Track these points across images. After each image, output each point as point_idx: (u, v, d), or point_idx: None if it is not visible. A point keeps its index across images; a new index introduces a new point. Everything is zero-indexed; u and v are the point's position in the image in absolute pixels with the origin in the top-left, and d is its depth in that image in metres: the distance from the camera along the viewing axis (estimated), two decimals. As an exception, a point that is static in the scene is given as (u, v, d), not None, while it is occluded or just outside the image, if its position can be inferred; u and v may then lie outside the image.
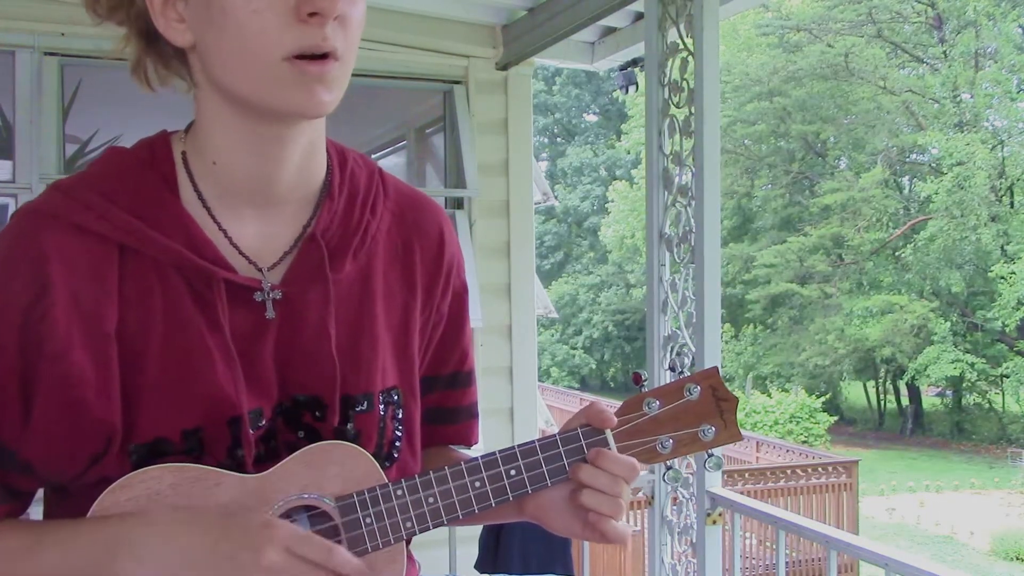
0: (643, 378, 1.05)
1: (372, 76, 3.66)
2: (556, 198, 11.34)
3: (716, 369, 1.06)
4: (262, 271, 0.97)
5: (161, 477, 0.90)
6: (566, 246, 30.89)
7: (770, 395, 21.22)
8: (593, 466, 0.98)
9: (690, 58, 2.77)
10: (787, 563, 4.43)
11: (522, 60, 3.84)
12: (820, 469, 10.60)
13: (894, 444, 22.72)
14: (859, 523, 11.01)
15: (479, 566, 3.04)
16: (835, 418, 21.42)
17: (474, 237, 3.80)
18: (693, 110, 2.75)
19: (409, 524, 0.95)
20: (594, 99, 32.76)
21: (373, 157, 4.89)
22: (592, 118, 33.86)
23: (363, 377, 1.00)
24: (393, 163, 4.58)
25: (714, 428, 1.03)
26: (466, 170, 3.77)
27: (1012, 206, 21.76)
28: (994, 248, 20.79)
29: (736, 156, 24.02)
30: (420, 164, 4.39)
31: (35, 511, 1.00)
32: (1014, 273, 19.70)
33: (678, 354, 2.88)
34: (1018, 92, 21.84)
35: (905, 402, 24.78)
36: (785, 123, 23.74)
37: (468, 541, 3.11)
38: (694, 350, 2.79)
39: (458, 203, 3.83)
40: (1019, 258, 20.18)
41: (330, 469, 0.94)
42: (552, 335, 28.46)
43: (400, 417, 1.04)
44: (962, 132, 21.14)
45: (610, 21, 3.70)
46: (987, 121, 22.06)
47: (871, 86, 22.63)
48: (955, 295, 21.68)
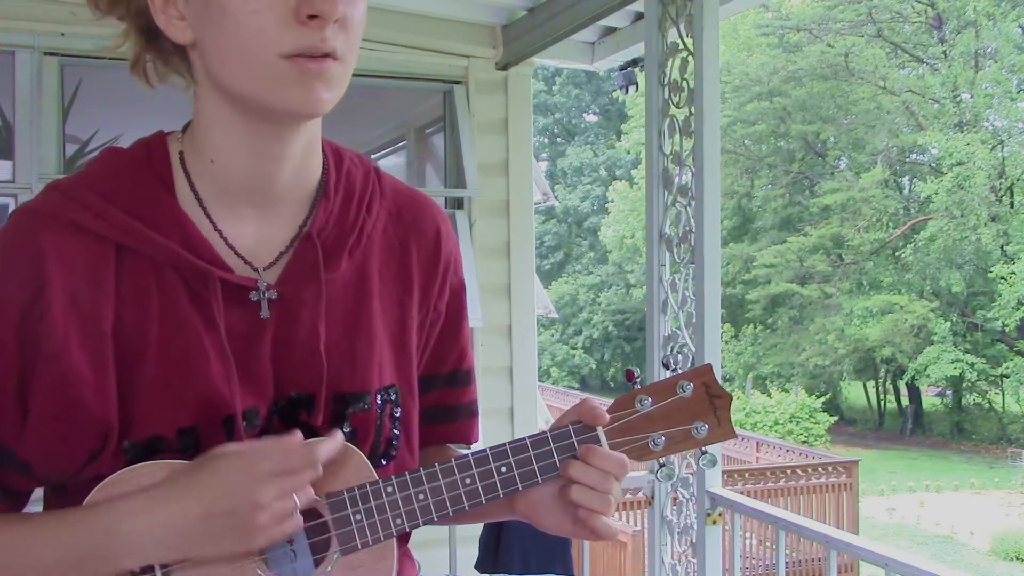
0: (636, 375, 1.04)
1: (372, 76, 3.66)
2: (556, 198, 11.34)
3: (709, 366, 1.06)
4: (258, 271, 0.97)
5: (153, 473, 0.90)
6: (566, 246, 30.88)
7: (770, 395, 21.22)
8: (583, 463, 0.98)
9: (690, 58, 2.77)
10: (787, 563, 4.42)
11: (522, 60, 3.84)
12: (820, 469, 10.61)
13: (894, 444, 22.72)
14: (859, 523, 11.01)
15: (479, 566, 3.04)
16: (835, 418, 21.41)
17: (474, 237, 3.80)
18: (693, 110, 2.75)
19: (400, 521, 0.95)
20: (594, 99, 32.75)
21: (373, 157, 4.88)
22: (592, 118, 33.86)
23: (359, 375, 1.00)
24: (393, 163, 4.58)
25: (707, 425, 1.03)
26: (466, 170, 3.77)
27: (1012, 206, 21.76)
28: (994, 248, 20.79)
29: (736, 156, 24.02)
30: (420, 164, 4.39)
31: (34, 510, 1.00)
32: (1014, 273, 19.70)
33: (678, 352, 2.88)
34: (1018, 92, 21.84)
35: (905, 402, 24.78)
36: (785, 123, 23.74)
37: (468, 541, 3.11)
38: (694, 350, 2.79)
39: (458, 203, 3.83)
40: (1019, 258, 20.18)
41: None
42: (552, 335, 28.45)
43: (398, 416, 1.04)
44: (962, 132, 21.14)
45: (610, 21, 3.70)
46: (987, 121, 22.06)
47: (871, 86, 22.63)
48: (955, 295, 21.68)
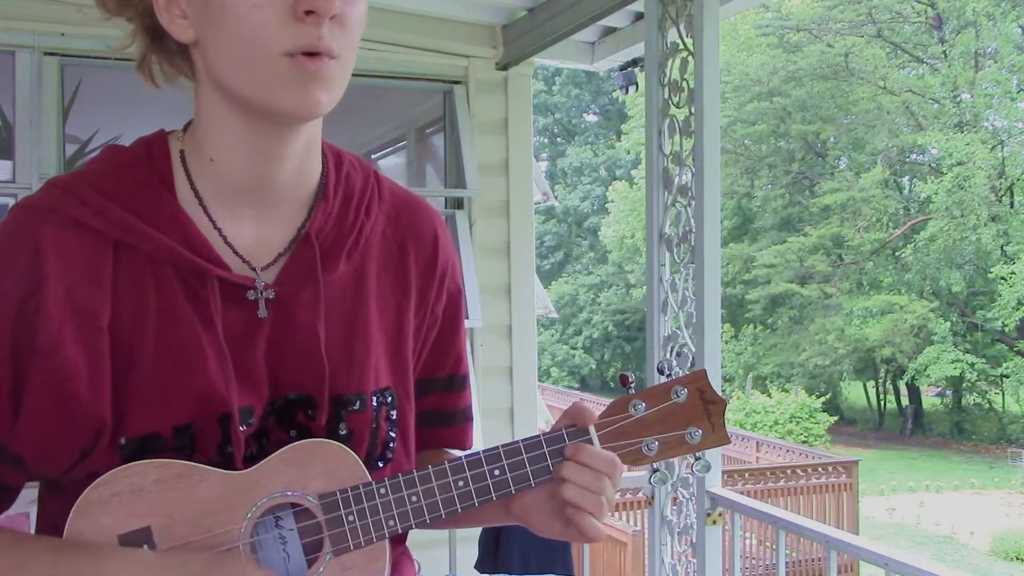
0: (630, 380, 1.04)
1: (372, 76, 3.66)
2: (556, 198, 11.34)
3: (704, 372, 1.05)
4: (256, 270, 0.97)
5: (145, 472, 0.90)
6: (566, 246, 30.88)
7: (770, 395, 21.21)
8: (574, 461, 0.98)
9: (690, 58, 2.76)
10: (787, 563, 4.42)
11: (522, 60, 3.83)
12: (820, 469, 10.60)
13: (894, 444, 22.72)
14: (859, 523, 11.01)
15: (479, 566, 3.04)
16: (835, 418, 21.41)
17: (474, 237, 3.80)
18: (693, 110, 2.75)
19: (392, 522, 0.95)
20: (594, 99, 32.75)
21: (373, 157, 4.88)
22: (592, 118, 33.86)
23: (356, 377, 1.00)
24: (393, 163, 4.58)
25: (701, 431, 1.03)
26: (466, 170, 3.77)
27: (1012, 206, 21.77)
28: (994, 248, 20.80)
29: (736, 156, 24.02)
30: (420, 164, 4.39)
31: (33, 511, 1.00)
32: (1014, 273, 19.70)
33: (678, 354, 2.88)
34: (1018, 92, 21.83)
35: (905, 402, 24.78)
36: (785, 123, 23.74)
37: (468, 541, 3.11)
38: (694, 350, 2.79)
39: (458, 203, 3.83)
40: (1019, 258, 20.18)
41: (314, 467, 0.94)
42: (552, 335, 28.45)
43: (394, 418, 1.04)
44: (962, 132, 21.13)
45: (610, 21, 3.70)
46: (987, 121, 22.06)
47: (871, 86, 22.63)
48: (955, 295, 21.69)
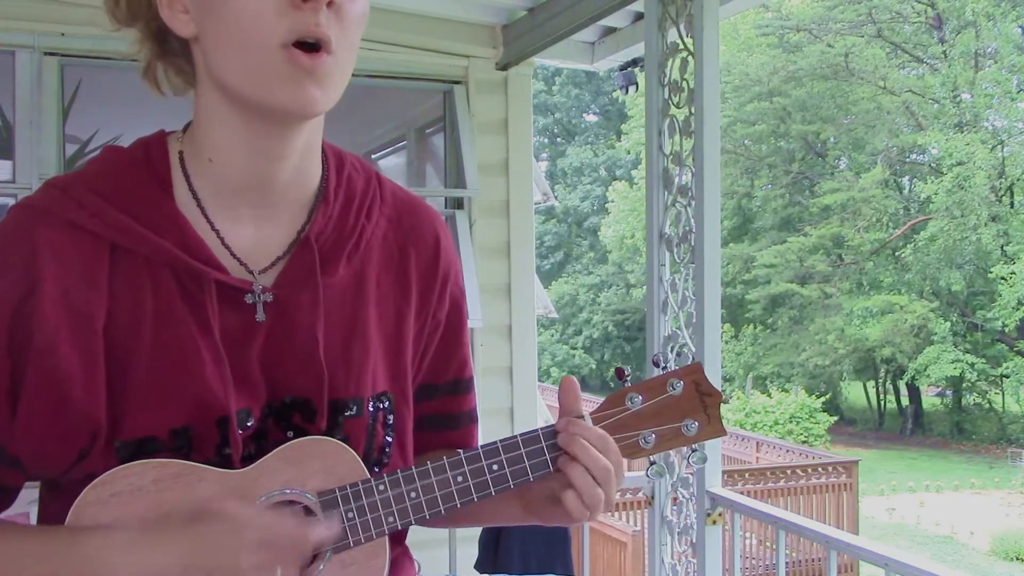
0: (626, 373, 1.04)
1: (372, 76, 3.66)
2: (556, 198, 11.34)
3: (699, 364, 1.06)
4: (253, 273, 0.97)
5: (143, 473, 0.90)
6: (566, 246, 30.87)
7: (770, 395, 21.20)
8: (565, 432, 0.97)
9: (690, 58, 2.77)
10: (787, 563, 4.42)
11: (522, 60, 3.84)
12: (820, 469, 10.60)
13: (894, 444, 22.71)
14: (859, 523, 11.01)
15: (479, 566, 3.04)
16: (835, 418, 21.40)
17: (474, 237, 3.80)
18: (693, 110, 2.75)
19: (392, 519, 0.95)
20: (594, 99, 32.74)
21: (373, 157, 4.87)
22: (592, 118, 33.84)
23: (353, 381, 0.99)
24: (393, 163, 4.58)
25: (697, 423, 1.03)
26: (466, 170, 3.77)
27: (1012, 206, 21.76)
28: (994, 248, 20.79)
29: (736, 156, 24.01)
30: (420, 164, 4.39)
31: (33, 511, 1.00)
32: (1014, 273, 19.70)
33: (678, 354, 2.88)
34: (1018, 92, 21.83)
35: (905, 402, 24.77)
36: (785, 123, 23.74)
37: (468, 541, 3.11)
38: (694, 350, 2.79)
39: (458, 203, 3.83)
40: (1019, 258, 20.18)
41: (313, 465, 0.94)
42: (552, 335, 28.44)
43: (391, 423, 1.04)
44: (962, 132, 21.13)
45: (610, 21, 3.70)
46: (987, 121, 22.05)
47: (871, 86, 22.62)
48: (955, 295, 21.68)
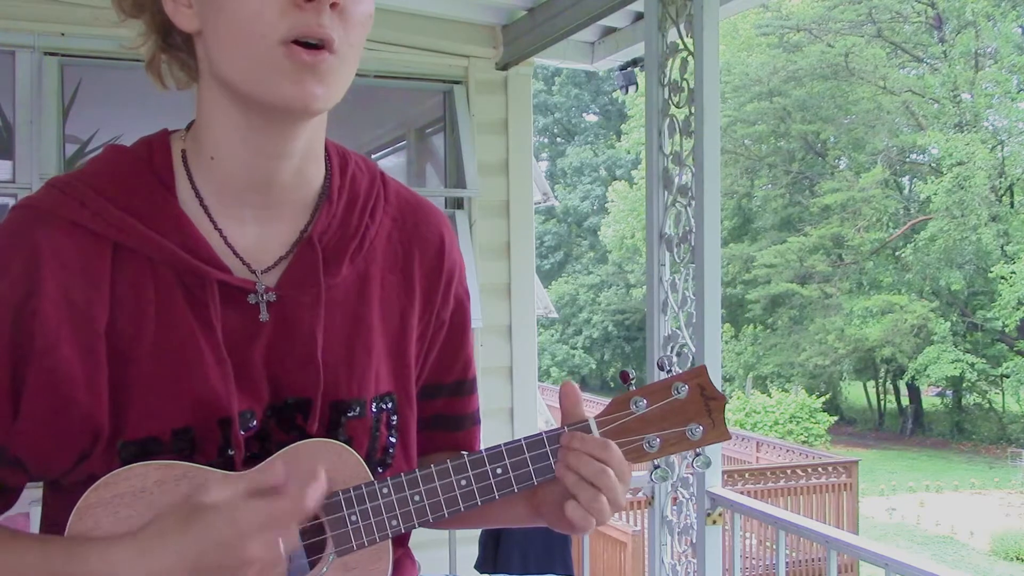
0: (631, 377, 1.04)
1: (372, 76, 3.66)
2: (556, 198, 11.33)
3: (704, 368, 1.05)
4: (256, 273, 0.96)
5: (146, 474, 0.89)
6: (566, 246, 30.87)
7: (770, 395, 21.20)
8: (567, 448, 0.97)
9: (690, 58, 2.77)
10: (787, 563, 4.42)
11: (522, 60, 3.83)
12: (820, 469, 10.60)
13: (894, 444, 22.71)
14: (859, 523, 11.01)
15: (479, 566, 3.04)
16: (835, 418, 21.41)
17: (474, 237, 3.80)
18: (693, 110, 2.75)
19: (395, 522, 0.94)
20: (594, 99, 32.74)
21: (373, 157, 4.87)
22: (592, 118, 33.84)
23: (356, 382, 0.99)
24: (393, 163, 4.58)
25: (702, 427, 1.02)
26: (466, 170, 3.77)
27: (1012, 206, 21.77)
28: (994, 248, 20.79)
29: (736, 156, 24.02)
30: (420, 164, 4.38)
31: (34, 511, 1.00)
32: (1014, 273, 19.70)
33: (678, 354, 2.88)
34: (1018, 92, 21.83)
35: (905, 402, 24.77)
36: (785, 123, 23.74)
37: (468, 541, 3.11)
38: (694, 350, 2.79)
39: (458, 203, 3.83)
40: (1019, 258, 20.18)
41: (316, 467, 0.94)
42: (552, 335, 28.44)
43: (395, 424, 1.03)
44: (962, 132, 21.14)
45: (610, 21, 3.70)
46: (987, 121, 22.06)
47: (871, 86, 22.63)
48: (955, 295, 21.68)
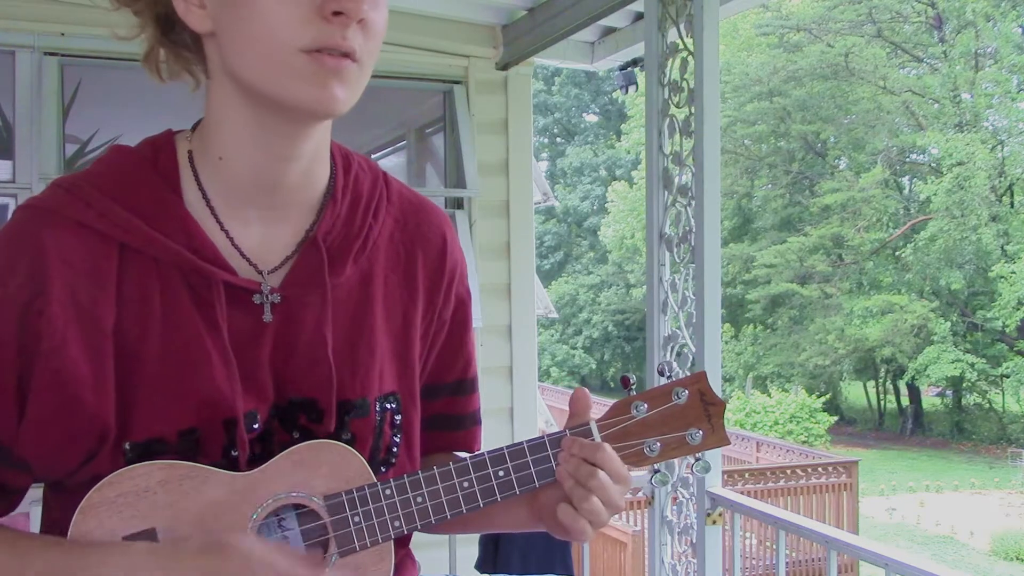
0: (631, 382, 1.05)
1: (372, 76, 3.65)
2: (556, 198, 11.35)
3: (703, 374, 1.06)
4: (262, 274, 0.97)
5: (150, 474, 0.89)
6: (566, 246, 30.88)
7: (770, 395, 21.20)
8: (567, 452, 0.98)
9: (690, 58, 2.77)
10: (787, 563, 4.42)
11: (522, 60, 3.84)
12: (820, 469, 10.60)
13: (894, 444, 22.71)
14: (859, 523, 11.01)
15: (479, 566, 3.04)
16: (835, 418, 21.40)
17: (474, 237, 3.80)
18: (693, 110, 2.75)
19: (398, 524, 0.95)
20: (594, 99, 32.74)
21: (373, 157, 4.88)
22: (592, 118, 33.84)
23: (360, 382, 0.99)
24: (393, 163, 4.58)
25: (702, 432, 1.03)
26: (466, 170, 3.77)
27: (1012, 206, 21.77)
28: (994, 248, 20.79)
29: (736, 156, 24.02)
30: (420, 164, 4.39)
31: (35, 511, 1.00)
32: (1014, 273, 19.70)
33: (678, 354, 2.88)
34: (1018, 92, 21.83)
35: (905, 402, 24.77)
36: (785, 123, 23.74)
37: (468, 541, 3.11)
38: (694, 350, 2.79)
39: (458, 203, 3.83)
40: (1019, 258, 20.18)
41: (320, 468, 0.94)
42: (552, 335, 28.44)
43: (399, 423, 1.03)
44: (962, 132, 21.13)
45: (610, 21, 3.70)
46: (987, 121, 22.06)
47: (871, 86, 22.62)
48: (955, 295, 21.68)
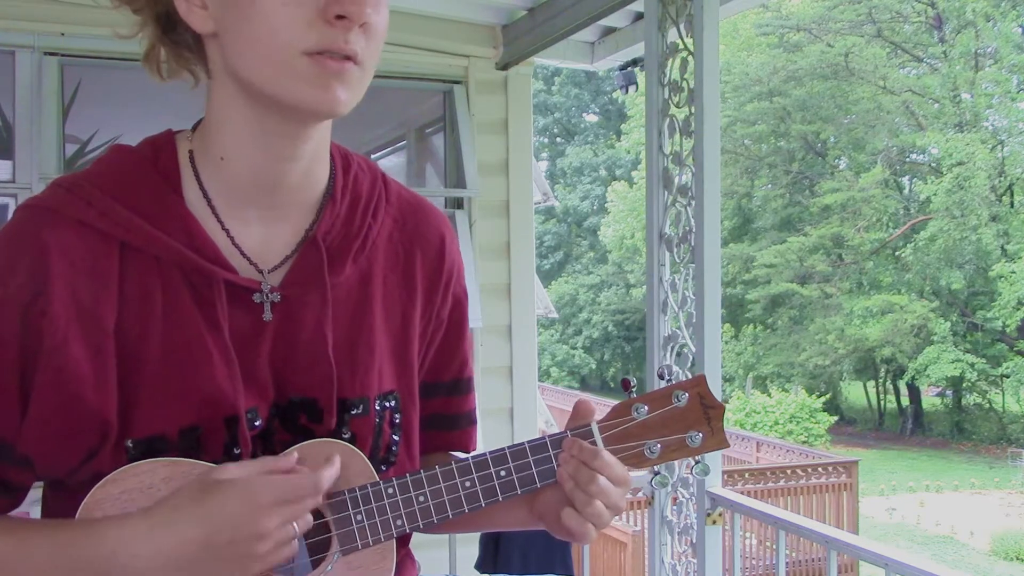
0: (632, 384, 1.06)
1: (372, 76, 3.65)
2: (556, 198, 11.35)
3: (703, 377, 1.07)
4: (262, 273, 0.97)
5: (154, 471, 0.90)
6: (566, 246, 30.88)
7: (770, 395, 21.20)
8: (567, 453, 0.99)
9: (690, 58, 2.77)
10: (787, 563, 4.42)
11: (522, 60, 3.84)
12: (820, 469, 10.60)
13: (894, 444, 22.71)
14: (859, 523, 11.01)
15: (479, 566, 3.04)
16: (835, 418, 21.40)
17: (474, 237, 3.80)
18: (693, 110, 2.75)
19: (400, 522, 0.96)
20: (594, 99, 32.75)
21: (373, 157, 4.88)
22: (592, 118, 33.85)
23: (359, 381, 1.00)
24: (393, 163, 4.58)
25: (701, 434, 1.04)
26: (466, 170, 3.77)
27: (1012, 206, 21.77)
28: (994, 248, 20.80)
29: (736, 156, 24.02)
30: (420, 164, 4.39)
31: (34, 510, 1.00)
32: (1014, 273, 19.70)
33: (678, 354, 2.88)
34: (1018, 92, 21.82)
35: (905, 402, 24.77)
36: (785, 123, 23.74)
37: (468, 541, 3.11)
38: (694, 350, 2.79)
39: (458, 203, 3.83)
40: (1019, 258, 20.18)
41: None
42: (552, 335, 28.45)
43: (398, 422, 1.04)
44: (962, 132, 21.13)
45: (610, 21, 3.70)
46: (987, 121, 22.06)
47: (871, 86, 22.62)
48: (955, 295, 21.69)
